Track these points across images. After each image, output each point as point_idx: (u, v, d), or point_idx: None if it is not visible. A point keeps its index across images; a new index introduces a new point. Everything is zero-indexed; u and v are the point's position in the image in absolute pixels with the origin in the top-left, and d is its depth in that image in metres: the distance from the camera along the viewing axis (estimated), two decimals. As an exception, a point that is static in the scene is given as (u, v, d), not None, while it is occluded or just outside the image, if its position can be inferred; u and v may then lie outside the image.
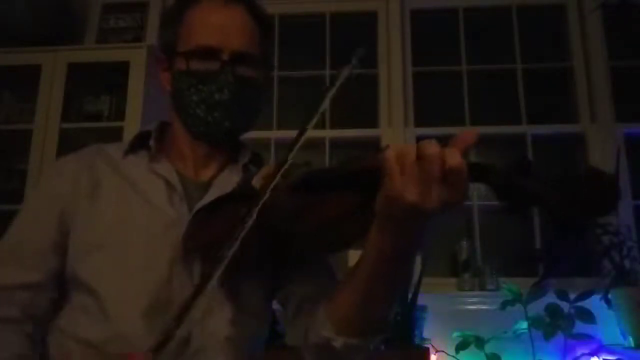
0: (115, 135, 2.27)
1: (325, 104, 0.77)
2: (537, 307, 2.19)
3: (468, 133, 0.63)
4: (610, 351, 2.18)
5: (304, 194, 0.75)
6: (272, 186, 0.71)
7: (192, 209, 0.90)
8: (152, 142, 0.96)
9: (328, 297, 0.85)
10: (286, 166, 0.72)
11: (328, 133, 2.69)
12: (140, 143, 0.98)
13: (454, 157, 0.59)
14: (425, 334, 2.20)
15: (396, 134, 2.66)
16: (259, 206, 0.70)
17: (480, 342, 2.18)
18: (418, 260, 2.13)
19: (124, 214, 0.90)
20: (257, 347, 0.95)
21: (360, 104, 2.75)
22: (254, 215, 0.69)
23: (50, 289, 0.92)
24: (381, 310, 0.80)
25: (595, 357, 2.19)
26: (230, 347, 0.88)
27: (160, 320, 0.84)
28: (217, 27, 0.91)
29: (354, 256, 0.94)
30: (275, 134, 2.74)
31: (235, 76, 0.91)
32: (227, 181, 0.94)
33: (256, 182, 0.80)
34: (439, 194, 0.60)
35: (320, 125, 2.74)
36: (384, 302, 0.79)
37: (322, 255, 0.95)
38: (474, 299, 2.38)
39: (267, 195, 0.70)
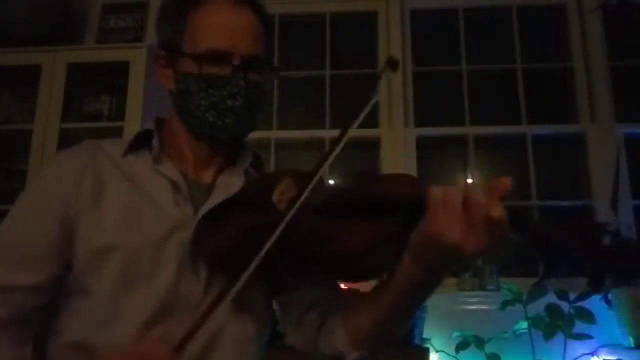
0: (115, 135, 2.27)
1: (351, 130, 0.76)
2: (537, 307, 2.19)
3: (505, 181, 0.64)
4: (610, 351, 2.18)
5: (333, 216, 0.74)
6: (296, 208, 0.70)
7: (196, 210, 0.89)
8: (155, 142, 0.94)
9: (343, 309, 0.86)
10: (311, 187, 0.71)
11: (328, 133, 2.69)
12: (140, 142, 0.96)
13: (497, 209, 0.61)
14: (425, 334, 2.20)
15: (396, 134, 2.66)
16: (283, 226, 0.69)
17: (480, 342, 2.18)
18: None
19: (131, 216, 0.88)
20: (260, 348, 0.95)
21: (360, 104, 2.75)
22: (276, 236, 0.69)
23: (45, 293, 0.89)
24: (400, 328, 0.84)
25: (595, 357, 2.19)
26: (234, 349, 0.88)
27: (165, 325, 0.84)
28: (228, 29, 0.89)
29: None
30: (275, 134, 2.74)
31: (247, 82, 0.89)
32: (230, 183, 0.93)
33: (275, 197, 0.78)
34: (479, 239, 0.63)
35: (321, 125, 2.74)
36: (405, 321, 0.83)
37: (343, 277, 0.94)
38: (474, 299, 2.38)
39: (290, 215, 0.69)
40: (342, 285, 0.98)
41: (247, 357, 0.90)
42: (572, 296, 2.16)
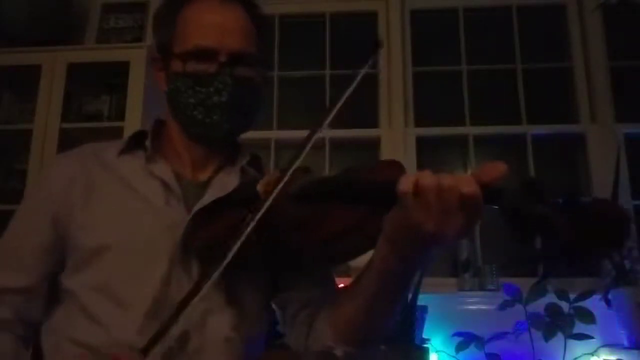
0: (115, 135, 2.26)
1: (332, 115, 0.77)
2: (537, 307, 2.19)
3: (497, 166, 0.60)
4: (610, 351, 2.18)
5: (309, 203, 0.75)
6: (275, 194, 0.70)
7: (190, 210, 0.90)
8: (148, 143, 0.95)
9: (329, 305, 0.86)
10: (290, 173, 0.72)
11: (328, 133, 2.69)
12: (136, 142, 0.97)
13: (469, 185, 0.59)
14: (425, 334, 2.20)
15: (396, 134, 2.66)
16: (262, 212, 0.69)
17: (480, 342, 2.18)
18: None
19: (122, 217, 0.89)
20: (256, 348, 0.95)
21: (360, 104, 2.75)
22: (256, 221, 0.69)
23: (43, 293, 0.91)
24: (384, 321, 0.82)
25: (595, 357, 2.19)
26: (230, 348, 0.88)
27: (158, 323, 0.84)
28: (214, 26, 0.90)
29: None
30: (275, 134, 2.74)
31: (234, 77, 0.90)
32: (225, 182, 0.94)
33: (260, 187, 0.79)
34: (455, 221, 0.60)
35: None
36: (387, 313, 0.81)
37: (321, 264, 0.95)
38: (474, 299, 2.38)
39: (269, 202, 0.70)
40: (342, 286, 0.99)
41: (238, 356, 0.89)
42: (572, 296, 2.17)
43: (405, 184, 0.61)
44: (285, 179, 0.72)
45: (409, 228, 0.63)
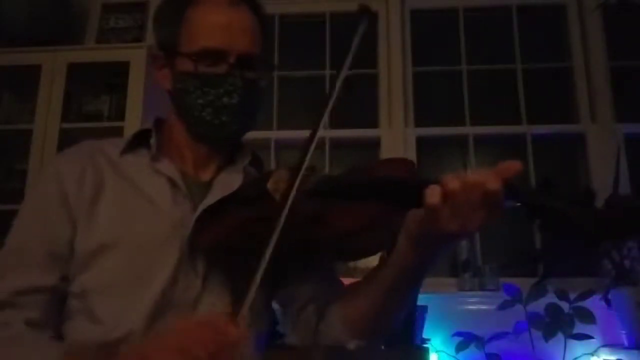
0: (115, 135, 2.24)
1: (333, 101, 0.77)
2: (537, 307, 2.19)
3: (514, 164, 0.63)
4: (610, 351, 2.18)
5: (322, 201, 0.75)
6: (294, 192, 0.71)
7: (195, 208, 0.89)
8: (152, 141, 0.94)
9: (339, 300, 0.87)
10: (303, 171, 0.72)
11: (328, 133, 2.69)
12: (138, 142, 0.96)
13: (493, 182, 0.61)
14: (425, 334, 2.20)
15: (396, 134, 2.66)
16: (286, 212, 0.69)
17: (480, 342, 2.18)
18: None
19: (128, 216, 0.88)
20: (258, 347, 0.95)
21: (360, 104, 2.75)
22: (284, 218, 0.69)
23: (62, 291, 0.89)
24: (396, 315, 0.84)
25: (595, 357, 2.19)
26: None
27: (163, 321, 0.84)
28: (223, 28, 0.90)
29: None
30: (275, 134, 2.74)
31: (244, 79, 0.90)
32: (228, 182, 0.93)
33: (271, 185, 0.79)
34: (477, 217, 0.63)
35: (320, 125, 2.73)
36: (400, 308, 0.83)
37: (331, 261, 0.95)
38: (474, 299, 2.38)
39: (291, 200, 0.70)
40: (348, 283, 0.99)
41: (243, 355, 0.89)
42: (572, 296, 2.17)
43: (433, 197, 0.63)
44: (299, 176, 0.73)
45: (433, 228, 0.65)
